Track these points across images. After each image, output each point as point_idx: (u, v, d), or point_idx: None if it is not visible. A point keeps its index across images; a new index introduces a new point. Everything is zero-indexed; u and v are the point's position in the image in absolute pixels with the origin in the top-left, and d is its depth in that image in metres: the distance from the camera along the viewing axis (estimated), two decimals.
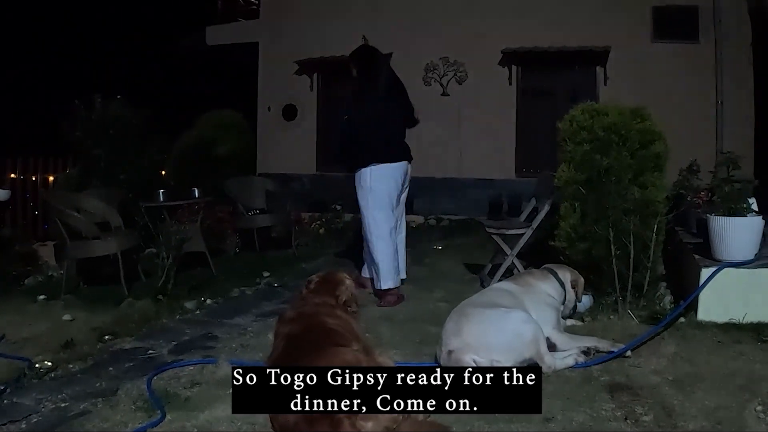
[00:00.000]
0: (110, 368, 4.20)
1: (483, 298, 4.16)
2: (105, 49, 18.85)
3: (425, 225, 12.18)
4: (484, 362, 3.63)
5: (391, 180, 5.87)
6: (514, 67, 13.13)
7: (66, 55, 18.04)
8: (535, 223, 5.91)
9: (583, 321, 4.72)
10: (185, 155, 11.52)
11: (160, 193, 7.38)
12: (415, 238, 10.35)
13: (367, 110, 5.86)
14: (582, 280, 4.57)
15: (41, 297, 6.34)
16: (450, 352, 3.73)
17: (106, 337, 4.88)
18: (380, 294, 5.83)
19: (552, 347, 3.94)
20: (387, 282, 5.80)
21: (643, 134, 5.10)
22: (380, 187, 5.82)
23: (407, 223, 6.47)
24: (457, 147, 13.26)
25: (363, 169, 5.83)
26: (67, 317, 5.57)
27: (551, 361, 3.79)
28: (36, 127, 9.58)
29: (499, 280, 5.87)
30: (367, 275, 6.20)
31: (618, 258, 4.86)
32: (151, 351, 4.49)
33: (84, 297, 6.33)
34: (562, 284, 4.48)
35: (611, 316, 4.75)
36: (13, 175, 8.96)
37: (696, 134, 10.92)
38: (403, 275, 6.21)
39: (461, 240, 9.89)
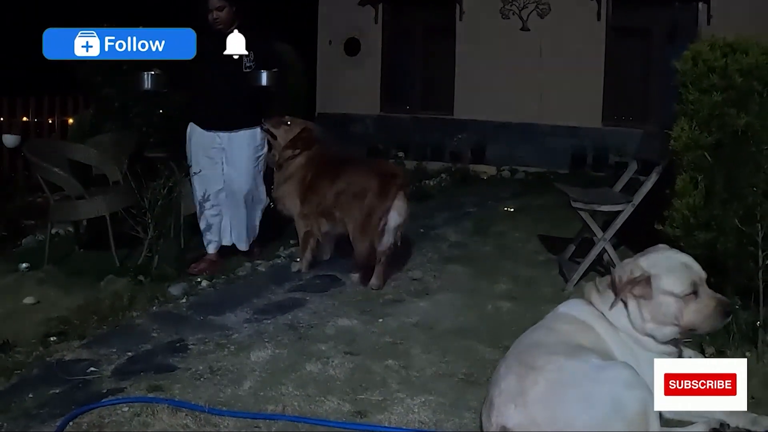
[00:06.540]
0: (30, 395, 3.04)
1: (556, 336, 2.62)
2: None
3: (497, 177, 10.78)
4: None
5: None
6: (603, 0, 11.41)
7: None
8: (638, 198, 4.34)
9: (704, 354, 3.24)
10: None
11: None
12: (483, 194, 9.03)
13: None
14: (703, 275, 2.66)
15: (23, 266, 5.35)
16: (505, 429, 2.34)
17: (52, 338, 3.74)
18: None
19: None
20: None
21: None
22: None
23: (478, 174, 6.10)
24: (537, 89, 11.75)
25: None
26: (29, 300, 4.55)
27: None
28: (50, 62, 8.31)
29: (586, 272, 4.47)
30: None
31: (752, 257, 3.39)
32: (92, 368, 3.26)
33: (69, 267, 5.30)
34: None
35: (747, 352, 3.23)
36: (25, 118, 7.89)
37: None
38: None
39: (538, 200, 8.30)
